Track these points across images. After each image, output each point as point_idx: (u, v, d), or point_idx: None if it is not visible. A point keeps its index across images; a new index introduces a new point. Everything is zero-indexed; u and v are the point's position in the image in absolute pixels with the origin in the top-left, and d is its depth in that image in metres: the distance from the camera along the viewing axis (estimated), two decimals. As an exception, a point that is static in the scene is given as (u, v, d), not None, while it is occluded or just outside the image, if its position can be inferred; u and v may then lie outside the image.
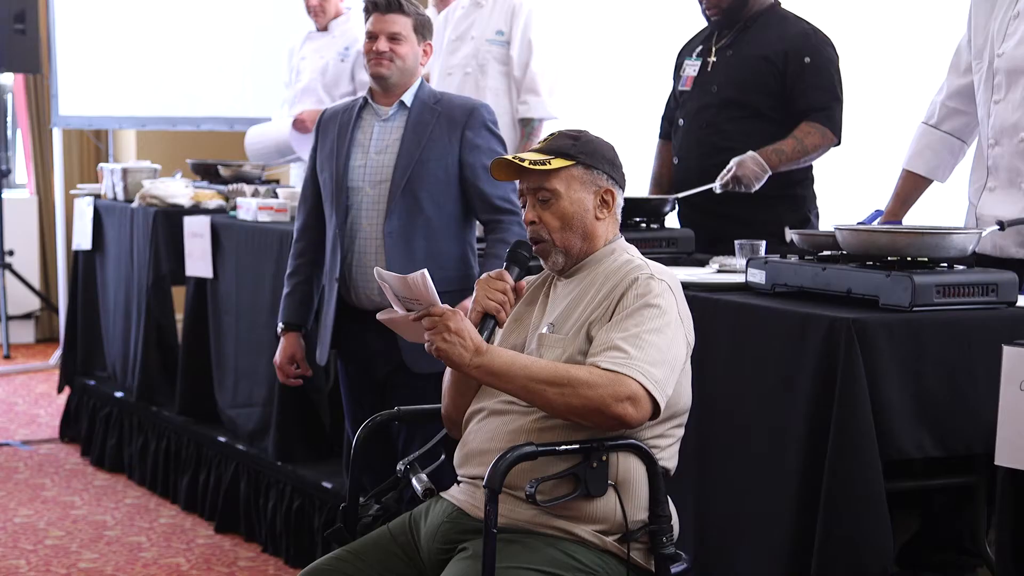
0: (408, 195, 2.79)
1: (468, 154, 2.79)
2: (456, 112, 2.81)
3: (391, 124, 2.84)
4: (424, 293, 1.96)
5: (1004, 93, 2.66)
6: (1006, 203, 2.67)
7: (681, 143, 3.34)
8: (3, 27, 6.10)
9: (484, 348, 1.96)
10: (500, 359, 1.95)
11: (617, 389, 1.91)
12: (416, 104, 2.83)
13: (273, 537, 3.63)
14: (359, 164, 2.84)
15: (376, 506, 2.19)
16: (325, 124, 2.95)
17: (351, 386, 2.96)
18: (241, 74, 5.90)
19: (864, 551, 2.05)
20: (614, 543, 1.99)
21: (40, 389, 5.86)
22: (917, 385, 2.11)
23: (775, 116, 3.22)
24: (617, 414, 1.92)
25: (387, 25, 2.81)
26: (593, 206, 2.09)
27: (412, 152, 2.79)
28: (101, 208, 4.80)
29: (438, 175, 2.79)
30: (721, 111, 3.25)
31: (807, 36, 3.21)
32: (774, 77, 3.20)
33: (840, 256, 2.32)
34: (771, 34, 3.22)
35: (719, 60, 3.27)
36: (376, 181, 2.82)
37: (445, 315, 1.95)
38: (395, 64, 2.81)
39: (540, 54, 4.26)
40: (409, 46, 2.82)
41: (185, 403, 4.19)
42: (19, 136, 7.29)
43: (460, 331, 1.94)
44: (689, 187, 3.15)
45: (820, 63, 3.18)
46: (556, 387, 1.92)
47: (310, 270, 2.97)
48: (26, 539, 3.76)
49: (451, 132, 2.79)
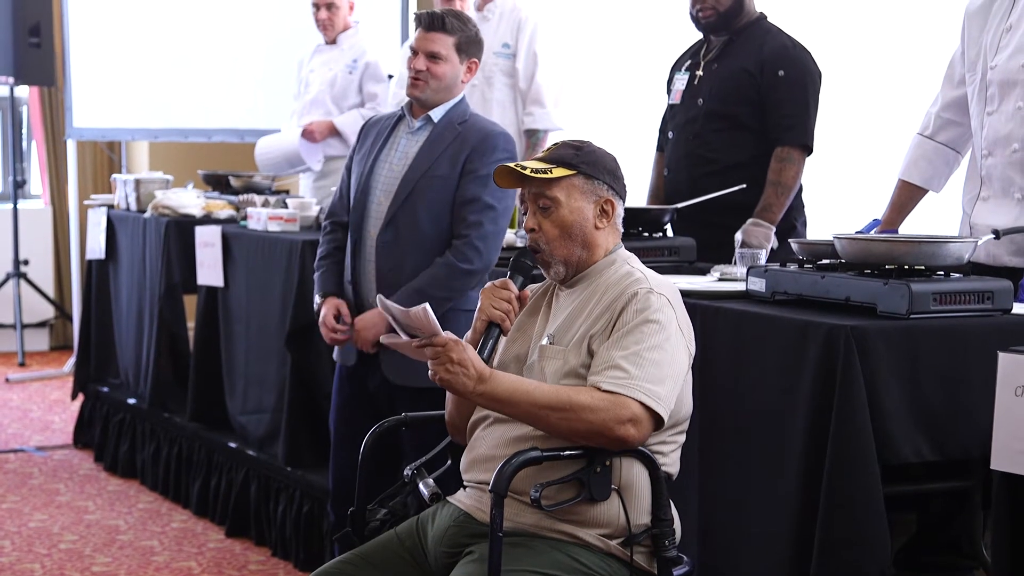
0: (408, 208, 2.81)
1: (464, 176, 2.80)
2: (473, 135, 2.82)
3: (416, 137, 2.87)
4: (427, 325, 1.99)
5: (997, 105, 2.69)
6: (999, 212, 2.70)
7: (670, 155, 3.40)
8: (18, 40, 6.16)
9: (487, 375, 1.98)
10: (503, 386, 1.98)
11: (619, 412, 1.94)
12: (442, 121, 2.84)
13: (283, 541, 3.67)
14: (379, 171, 2.88)
15: (383, 511, 2.21)
16: (368, 129, 2.97)
17: (342, 394, 2.97)
18: (252, 86, 5.95)
19: (862, 553, 2.06)
20: (617, 547, 2.02)
21: (54, 396, 5.90)
22: (914, 391, 2.13)
23: (757, 127, 3.28)
24: (619, 436, 1.95)
25: (428, 44, 2.81)
26: (593, 215, 2.11)
27: (421, 167, 2.81)
28: (114, 218, 4.84)
29: (440, 193, 2.80)
30: (706, 123, 3.30)
31: (785, 49, 3.26)
32: (753, 89, 3.25)
33: (839, 264, 2.34)
34: (753, 46, 3.28)
35: (705, 73, 3.33)
36: (386, 190, 2.85)
37: (448, 345, 1.97)
38: (428, 85, 2.81)
39: (545, 66, 4.30)
40: (449, 66, 2.82)
41: (196, 409, 4.22)
42: (34, 148, 7.34)
43: (463, 361, 1.97)
44: (679, 198, 3.20)
45: (794, 76, 3.23)
46: (559, 412, 1.95)
47: (340, 255, 2.96)
48: (40, 543, 3.81)
49: (460, 153, 2.80)
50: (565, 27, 4.96)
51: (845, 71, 4.15)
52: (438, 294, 2.78)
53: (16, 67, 6.21)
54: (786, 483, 2.18)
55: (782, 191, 3.23)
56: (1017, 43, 2.67)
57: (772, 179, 3.24)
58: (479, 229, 2.79)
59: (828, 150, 3.66)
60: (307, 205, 3.99)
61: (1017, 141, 2.65)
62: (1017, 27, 2.68)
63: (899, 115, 3.23)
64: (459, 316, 2.84)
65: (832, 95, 3.44)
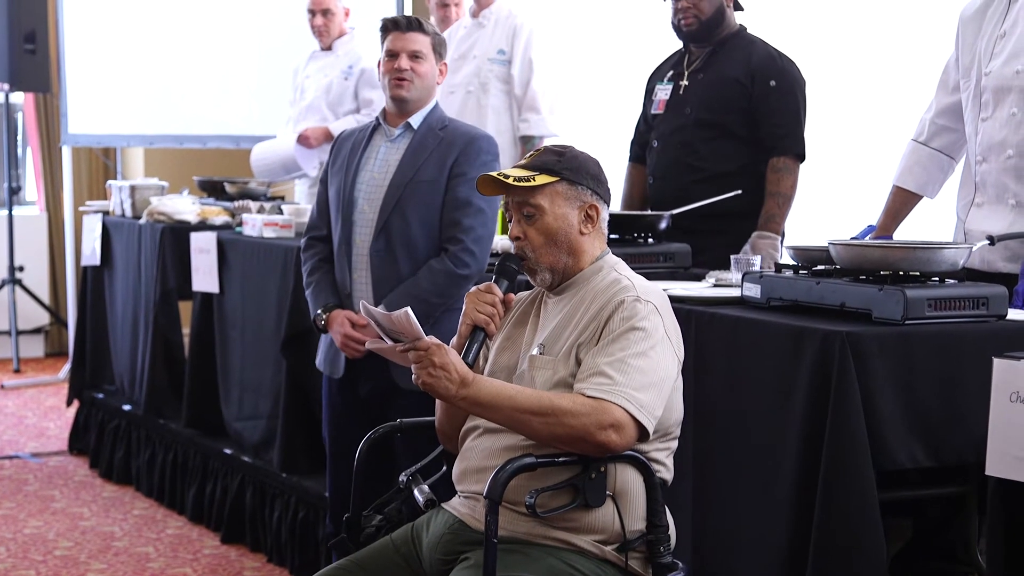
0: (398, 215, 2.81)
1: (453, 179, 2.80)
2: (457, 139, 2.83)
3: (396, 145, 2.87)
4: (409, 329, 2.00)
5: (992, 111, 2.70)
6: (993, 218, 2.71)
7: (656, 163, 3.44)
8: (13, 47, 6.16)
9: (470, 380, 1.98)
10: (486, 390, 1.98)
11: (600, 417, 1.93)
12: (422, 127, 2.85)
13: (278, 547, 3.66)
14: (362, 182, 2.87)
15: (379, 517, 2.22)
16: (340, 143, 2.97)
17: (333, 402, 2.97)
18: (247, 93, 5.96)
19: (858, 559, 2.07)
20: (612, 552, 2.02)
21: (49, 402, 5.90)
22: (909, 397, 2.13)
23: (746, 135, 3.32)
24: (600, 442, 1.94)
25: (408, 43, 2.81)
26: (578, 221, 2.10)
27: (407, 173, 2.81)
28: (109, 224, 4.84)
29: (429, 199, 2.80)
30: (695, 131, 3.35)
31: (773, 59, 3.32)
32: (743, 98, 3.30)
33: (834, 270, 2.35)
34: (739, 57, 3.33)
35: (691, 83, 3.38)
36: (372, 199, 2.85)
37: (430, 349, 1.98)
38: (415, 84, 2.82)
39: (541, 73, 4.31)
40: (429, 65, 2.83)
41: (192, 416, 4.22)
42: (29, 154, 7.35)
43: (445, 365, 1.97)
44: (665, 206, 3.23)
45: (785, 86, 3.29)
46: (540, 417, 1.94)
47: (327, 266, 2.95)
48: (36, 550, 3.80)
49: (447, 157, 2.81)
50: (560, 33, 4.97)
51: (839, 78, 4.17)
52: (437, 300, 2.79)
53: (11, 73, 6.21)
54: (781, 489, 2.18)
55: (783, 201, 3.29)
56: (1012, 49, 2.68)
57: (771, 190, 3.29)
58: (473, 233, 2.80)
59: (822, 157, 3.67)
60: (302, 211, 3.99)
61: (1012, 147, 2.67)
62: (1012, 33, 2.69)
63: (893, 121, 3.25)
64: (454, 316, 2.84)
65: (826, 102, 3.46)
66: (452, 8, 4.68)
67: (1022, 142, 2.66)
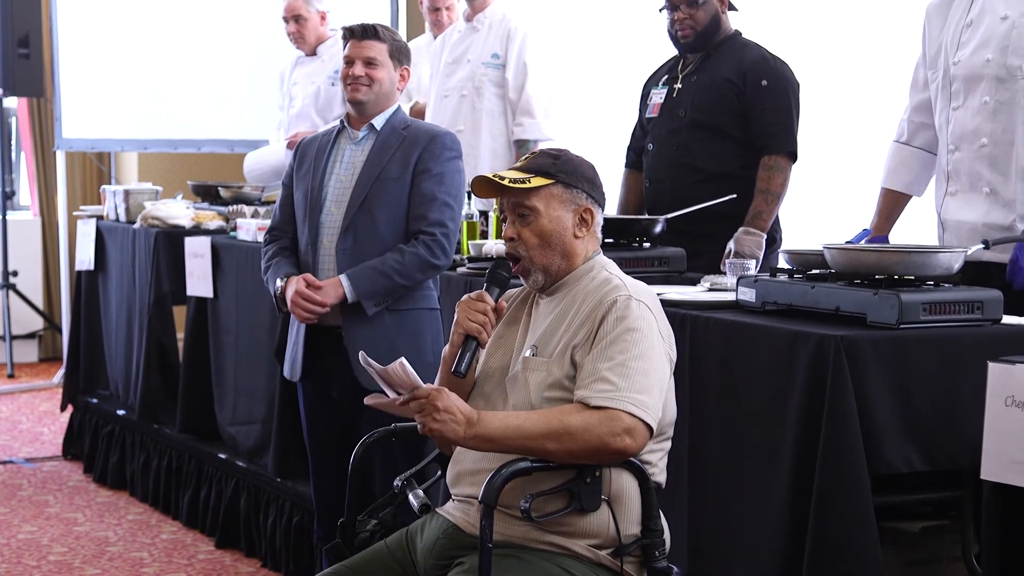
0: (365, 214, 2.85)
1: (417, 176, 2.85)
2: (420, 137, 2.88)
3: (360, 147, 2.92)
4: (406, 380, 1.99)
5: (963, 100, 2.72)
6: (968, 208, 2.73)
7: (652, 166, 3.45)
8: (7, 51, 6.16)
9: (475, 418, 1.97)
10: (492, 425, 1.97)
11: (612, 425, 1.94)
12: (385, 128, 2.91)
13: (273, 552, 3.66)
14: (328, 184, 2.91)
15: (373, 522, 2.21)
16: (304, 149, 3.01)
17: (309, 406, 2.98)
18: (241, 97, 5.95)
19: (853, 563, 2.07)
20: (607, 557, 2.02)
21: (43, 407, 5.89)
22: (904, 401, 2.14)
23: (739, 135, 3.34)
24: (618, 449, 1.95)
25: (363, 51, 2.89)
26: (572, 224, 2.11)
27: (373, 171, 2.86)
28: (103, 229, 4.84)
29: (395, 196, 2.85)
30: (690, 133, 3.37)
31: (765, 60, 3.35)
32: (737, 99, 3.32)
33: (829, 275, 2.35)
34: (732, 59, 3.36)
35: (685, 86, 3.40)
36: (338, 200, 2.89)
37: (431, 396, 1.97)
38: (371, 89, 2.88)
39: (535, 77, 4.31)
40: (385, 71, 2.90)
41: (186, 421, 4.22)
42: (23, 159, 7.34)
43: (449, 408, 1.96)
44: (663, 208, 3.25)
45: (777, 86, 3.31)
46: (554, 440, 1.94)
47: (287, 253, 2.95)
48: (30, 555, 3.79)
49: (410, 155, 2.86)
50: (555, 37, 4.97)
51: (833, 81, 4.18)
52: (400, 280, 2.82)
53: (5, 78, 6.21)
54: (776, 493, 2.19)
55: (771, 199, 3.29)
56: (980, 38, 2.71)
57: (761, 187, 3.29)
58: (445, 228, 2.85)
59: (817, 160, 3.68)
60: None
61: (986, 136, 2.69)
62: (979, 22, 2.72)
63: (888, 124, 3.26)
64: (423, 315, 2.89)
65: (821, 105, 3.48)
66: (444, 12, 4.68)
67: (996, 130, 2.69)
